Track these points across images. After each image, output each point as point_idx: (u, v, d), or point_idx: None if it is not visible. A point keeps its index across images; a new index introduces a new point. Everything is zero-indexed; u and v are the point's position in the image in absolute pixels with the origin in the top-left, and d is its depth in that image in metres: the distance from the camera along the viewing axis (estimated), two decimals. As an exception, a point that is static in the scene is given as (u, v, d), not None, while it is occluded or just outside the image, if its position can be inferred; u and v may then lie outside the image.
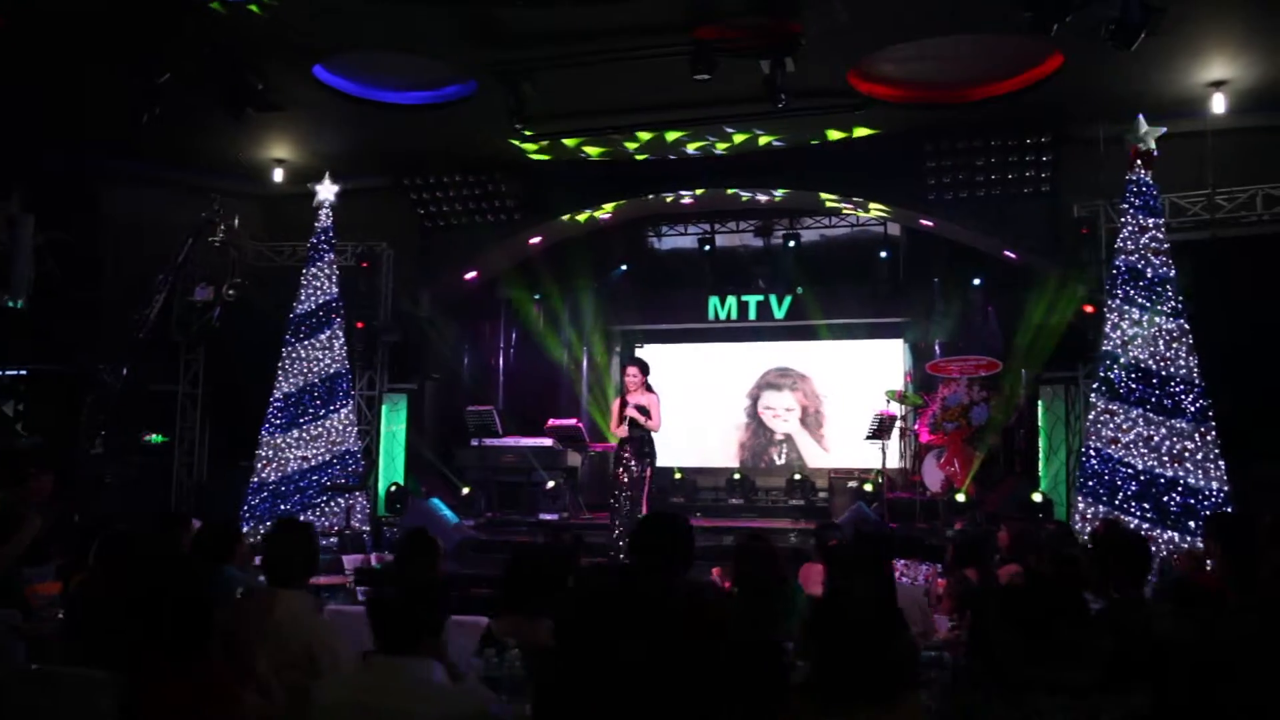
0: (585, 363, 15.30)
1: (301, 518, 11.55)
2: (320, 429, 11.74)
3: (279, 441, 11.73)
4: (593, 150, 11.98)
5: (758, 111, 10.00)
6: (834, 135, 11.16)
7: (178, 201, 12.95)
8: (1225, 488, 9.18)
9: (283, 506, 11.55)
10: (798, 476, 14.42)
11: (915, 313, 14.06)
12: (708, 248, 14.42)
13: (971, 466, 10.78)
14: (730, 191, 12.68)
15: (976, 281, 13.09)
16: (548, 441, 12.23)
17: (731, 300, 14.67)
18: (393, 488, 12.05)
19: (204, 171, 12.96)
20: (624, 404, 8.98)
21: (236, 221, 12.30)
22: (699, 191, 12.80)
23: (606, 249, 14.89)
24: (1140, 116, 9.65)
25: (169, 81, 8.94)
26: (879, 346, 14.47)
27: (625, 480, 8.92)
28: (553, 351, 14.99)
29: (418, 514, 9.73)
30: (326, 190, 11.96)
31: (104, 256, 12.86)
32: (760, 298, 14.54)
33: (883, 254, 13.91)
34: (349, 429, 11.75)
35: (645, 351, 15.43)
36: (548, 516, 11.39)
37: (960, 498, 10.33)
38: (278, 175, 12.71)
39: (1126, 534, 4.91)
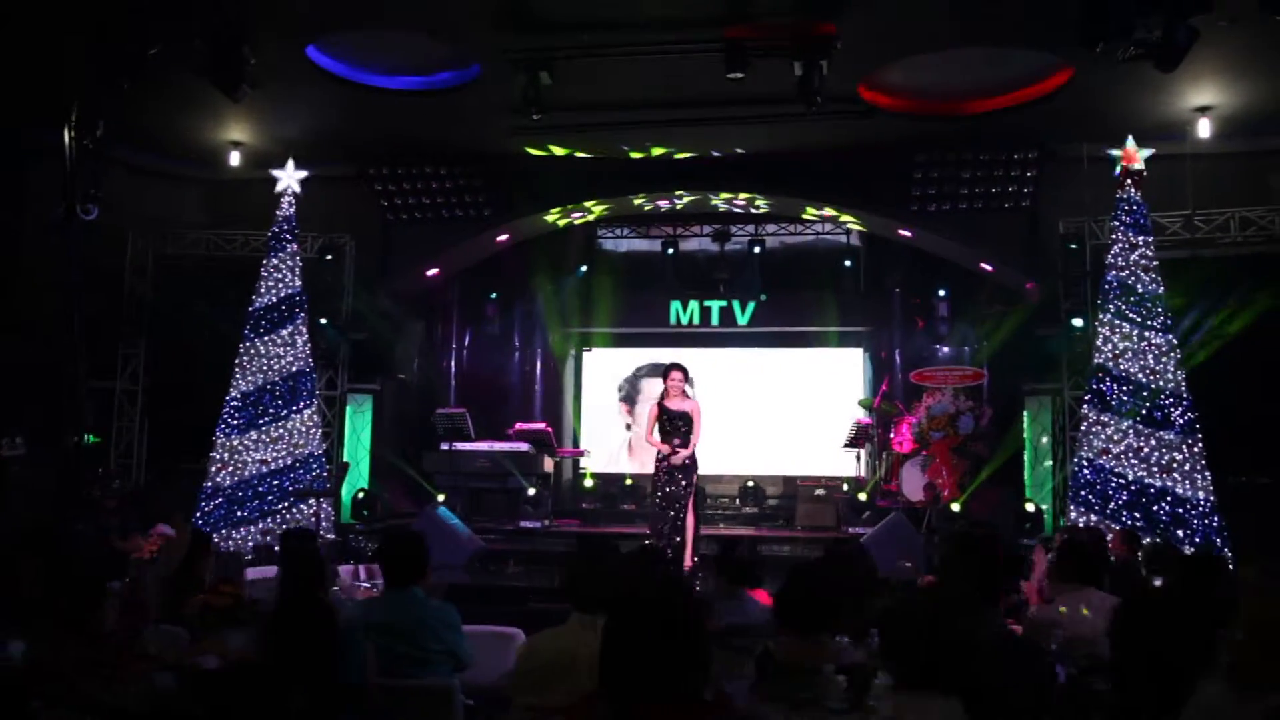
0: (539, 365, 14.85)
1: (259, 525, 10.88)
2: (281, 430, 11.03)
3: (235, 443, 10.97)
4: (562, 149, 11.62)
5: (768, 114, 9.91)
6: (829, 142, 11.12)
7: (114, 183, 12.01)
8: (1211, 498, 9.52)
9: (239, 513, 10.82)
10: (750, 484, 14.35)
11: (876, 322, 14.18)
12: (671, 251, 14.24)
13: (959, 475, 10.89)
14: (719, 203, 12.52)
15: (941, 293, 13.30)
16: (523, 446, 11.79)
17: (694, 305, 14.48)
18: (360, 494, 11.39)
19: (146, 151, 12.04)
20: (662, 410, 8.67)
21: (100, 130, 8.97)
22: (683, 198, 12.61)
23: (563, 249, 14.56)
24: (1130, 138, 9.99)
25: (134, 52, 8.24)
26: (839, 355, 14.52)
27: (667, 492, 8.64)
28: (509, 353, 14.53)
29: (427, 524, 9.15)
30: (290, 176, 11.28)
31: (27, 239, 11.79)
32: (723, 303, 14.40)
33: (847, 263, 14.00)
34: (312, 431, 11.06)
35: (596, 355, 15.14)
36: (529, 524, 10.96)
37: (955, 506, 10.43)
38: (234, 159, 11.87)
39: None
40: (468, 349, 14.57)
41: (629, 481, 14.32)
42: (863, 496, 11.04)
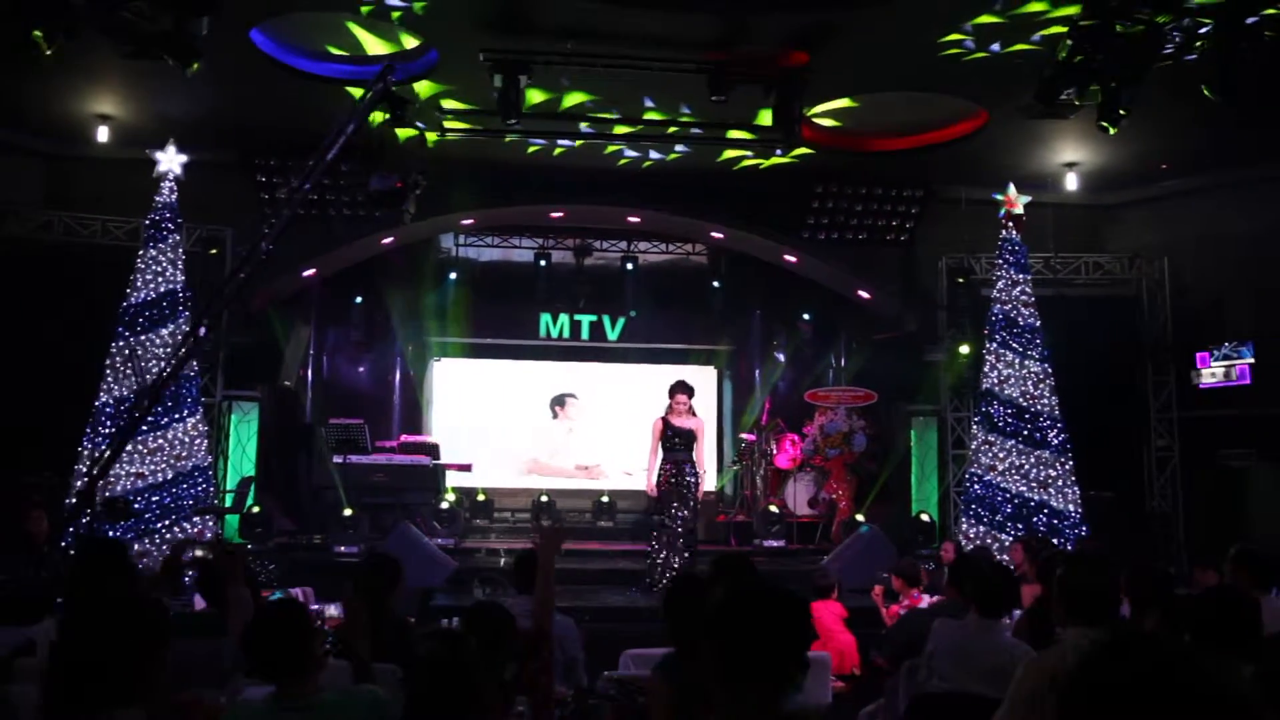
0: (399, 375, 14.23)
1: (136, 546, 9.71)
2: (160, 441, 9.95)
3: (107, 455, 9.74)
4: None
5: (706, 137, 10.17)
6: (748, 164, 11.48)
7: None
8: (1079, 510, 10.72)
9: (111, 532, 9.61)
10: (605, 499, 14.44)
11: (739, 341, 14.73)
12: (544, 263, 14.11)
13: (853, 490, 11.57)
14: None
15: (806, 316, 14.05)
16: (423, 459, 11.26)
17: (564, 318, 14.42)
18: (255, 509, 10.42)
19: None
20: (666, 425, 8.62)
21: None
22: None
23: (426, 256, 14.10)
24: (1011, 184, 11.07)
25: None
26: (704, 373, 14.92)
27: (672, 511, 8.57)
28: (370, 362, 13.82)
29: (403, 541, 8.51)
30: (171, 159, 10.21)
31: None
32: (594, 317, 14.44)
33: (715, 284, 14.45)
34: (197, 442, 10.05)
35: (461, 366, 14.71)
36: (443, 542, 10.46)
37: (860, 518, 11.07)
38: (102, 134, 10.56)
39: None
40: (326, 356, 13.71)
41: (481, 497, 14.03)
42: (774, 509, 11.46)
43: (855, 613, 7.02)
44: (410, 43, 9.20)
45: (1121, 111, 8.46)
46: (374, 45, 9.31)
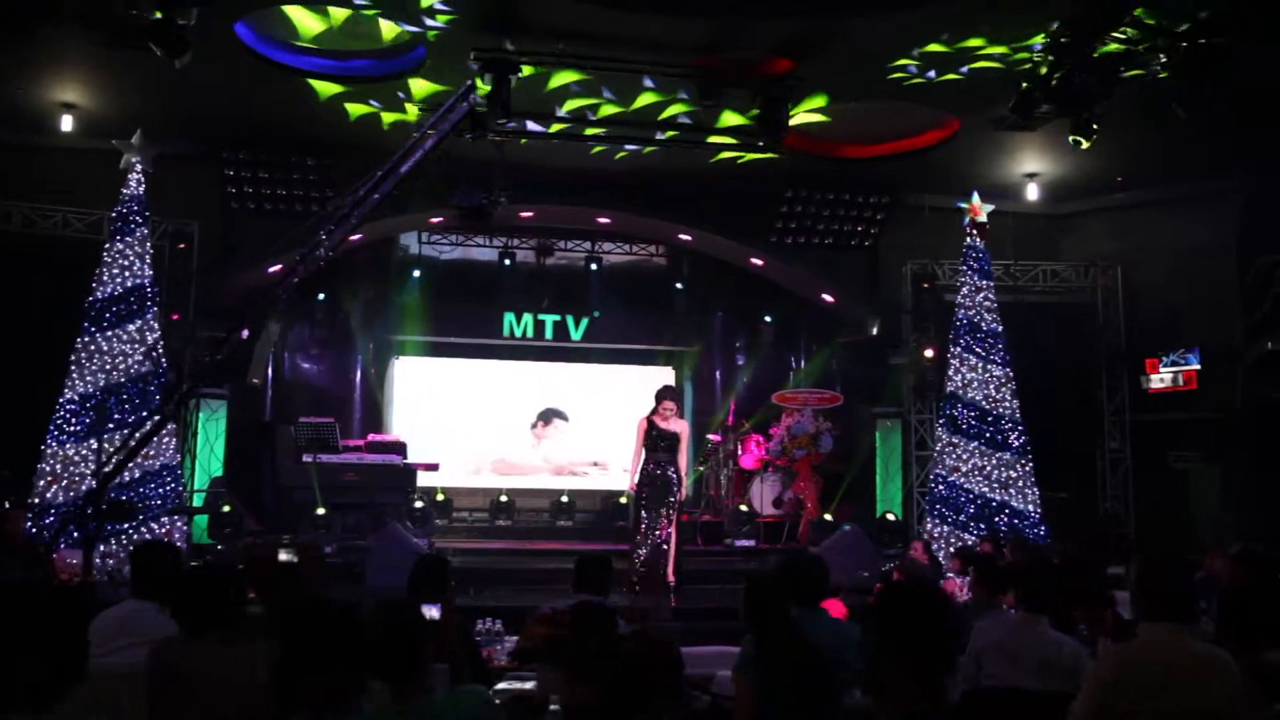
0: (360, 374, 14.09)
1: (100, 549, 9.47)
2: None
3: (71, 453, 9.54)
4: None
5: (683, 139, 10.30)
6: (725, 161, 11.59)
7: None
8: (1039, 510, 11.05)
9: (76, 533, 9.36)
10: (565, 499, 14.44)
11: (701, 343, 14.85)
12: (509, 262, 14.09)
13: (819, 491, 11.77)
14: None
15: (768, 318, 14.24)
16: (395, 458, 11.17)
17: (528, 318, 14.41)
18: (226, 508, 10.23)
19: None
20: (651, 426, 8.67)
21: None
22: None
23: (389, 254, 14.00)
24: (975, 193, 11.38)
25: None
26: (665, 374, 15.00)
27: (650, 507, 8.60)
28: (333, 359, 13.65)
29: (391, 541, 8.42)
30: (139, 150, 10.01)
31: None
32: (557, 317, 14.46)
33: (678, 285, 14.57)
34: (166, 440, 9.85)
35: (426, 365, 14.59)
36: (419, 541, 10.38)
37: (829, 517, 11.28)
38: (66, 124, 10.26)
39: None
40: (288, 354, 13.51)
41: (440, 496, 13.95)
42: (744, 508, 11.61)
43: (854, 610, 7.16)
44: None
45: (1095, 126, 8.88)
46: (333, 37, 9.19)
